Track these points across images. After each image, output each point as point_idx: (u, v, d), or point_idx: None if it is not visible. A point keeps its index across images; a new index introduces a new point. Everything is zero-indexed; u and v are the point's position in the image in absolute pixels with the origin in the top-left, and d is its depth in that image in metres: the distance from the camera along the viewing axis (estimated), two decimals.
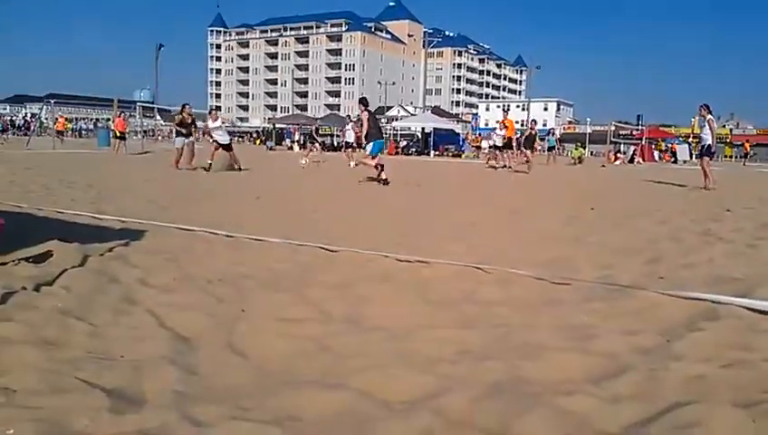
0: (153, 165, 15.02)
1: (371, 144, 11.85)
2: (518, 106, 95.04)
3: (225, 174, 13.30)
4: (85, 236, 4.68)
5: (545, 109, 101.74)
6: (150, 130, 41.25)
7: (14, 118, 67.23)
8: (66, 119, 44.02)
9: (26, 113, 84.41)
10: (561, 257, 4.81)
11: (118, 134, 22.95)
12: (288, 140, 46.48)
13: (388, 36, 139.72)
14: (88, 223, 5.59)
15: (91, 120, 75.13)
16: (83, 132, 58.79)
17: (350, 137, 21.34)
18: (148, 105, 39.13)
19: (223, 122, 14.94)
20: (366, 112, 11.78)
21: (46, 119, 46.57)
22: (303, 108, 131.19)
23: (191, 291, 3.50)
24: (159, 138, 48.50)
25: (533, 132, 20.19)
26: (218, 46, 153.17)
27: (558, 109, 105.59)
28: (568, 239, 5.75)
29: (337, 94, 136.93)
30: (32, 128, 38.49)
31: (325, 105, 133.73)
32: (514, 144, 20.97)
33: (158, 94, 48.96)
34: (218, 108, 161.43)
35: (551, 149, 30.44)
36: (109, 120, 57.25)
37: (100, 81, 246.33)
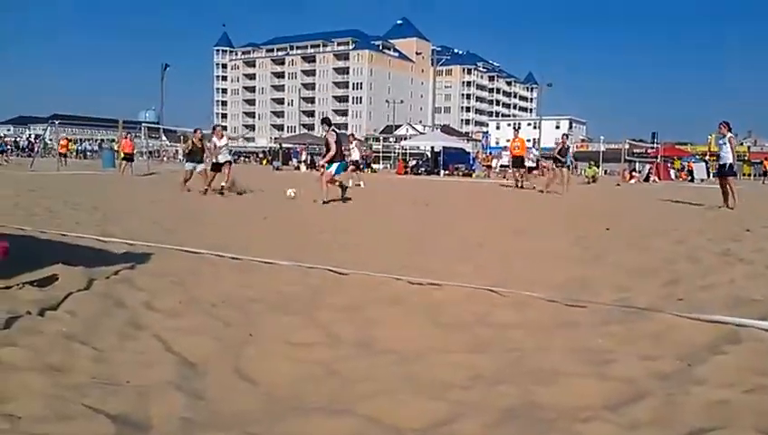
0: (159, 186, 15.14)
1: (335, 165, 12.00)
2: (529, 124, 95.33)
3: (233, 196, 13.39)
4: (90, 259, 4.71)
5: (557, 127, 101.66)
6: (156, 150, 41.62)
7: (17, 139, 68.10)
8: (70, 140, 44.56)
9: (30, 134, 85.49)
10: (576, 279, 4.79)
11: (123, 155, 23.18)
12: (295, 160, 46.85)
13: (396, 54, 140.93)
14: (93, 246, 5.63)
15: (96, 141, 75.99)
16: (87, 153, 59.45)
17: (356, 155, 21.44)
18: (153, 126, 39.53)
19: (229, 140, 15.03)
20: (333, 133, 12.02)
21: (50, 140, 47.11)
22: (310, 127, 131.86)
23: (198, 315, 3.52)
24: (165, 158, 48.96)
25: (566, 146, 18.68)
26: (224, 66, 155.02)
27: (570, 127, 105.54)
28: (582, 260, 5.73)
29: (344, 113, 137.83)
30: (35, 149, 38.91)
31: (334, 124, 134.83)
32: (527, 163, 20.98)
33: (164, 115, 49.55)
34: (224, 127, 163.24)
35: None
36: (113, 140, 57.88)
37: (105, 101, 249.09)
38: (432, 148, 41.93)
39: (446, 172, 37.41)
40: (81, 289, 3.85)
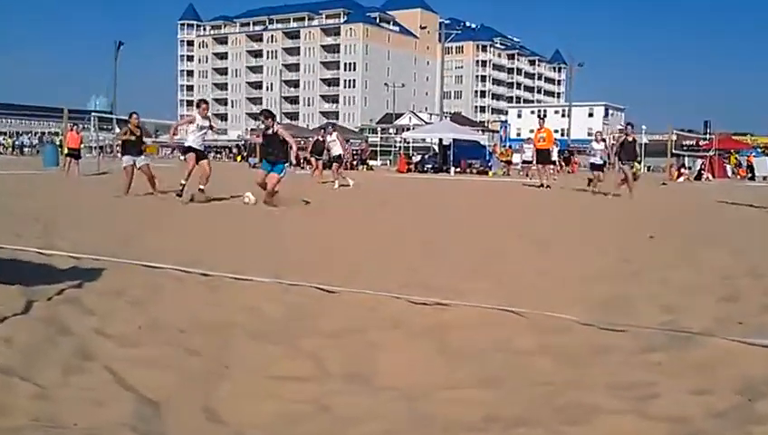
0: (111, 188, 15.15)
1: (284, 166, 12.23)
2: (557, 111, 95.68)
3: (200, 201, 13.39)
4: (29, 276, 4.71)
5: (590, 115, 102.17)
6: (108, 145, 41.68)
7: None
8: (2, 132, 44.69)
9: None
10: (614, 297, 4.81)
11: (68, 151, 23.19)
12: None
13: (397, 29, 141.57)
14: (33, 260, 5.63)
15: (36, 134, 76.13)
16: (26, 149, 59.54)
17: (336, 149, 20.99)
18: (105, 115, 39.57)
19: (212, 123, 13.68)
20: (280, 126, 12.47)
21: None
22: (294, 116, 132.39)
23: (159, 342, 3.52)
24: (119, 155, 49.07)
25: (631, 138, 17.72)
26: (190, 43, 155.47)
27: (606, 114, 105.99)
28: (622, 275, 5.75)
29: (334, 99, 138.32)
30: None
31: (320, 113, 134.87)
32: (555, 157, 20.85)
33: (118, 102, 49.69)
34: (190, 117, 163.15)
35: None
36: (57, 133, 57.96)
37: (47, 86, 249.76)
38: (440, 140, 42.03)
39: (458, 169, 37.50)
40: (19, 313, 3.84)
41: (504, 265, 6.25)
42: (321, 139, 22.33)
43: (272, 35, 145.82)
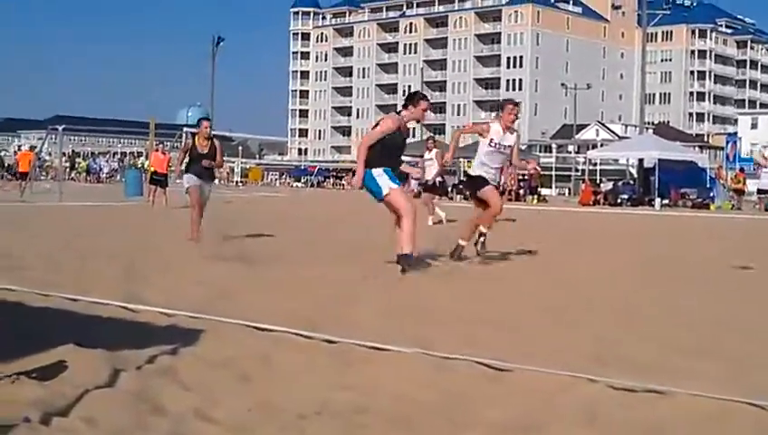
0: (207, 223, 15.82)
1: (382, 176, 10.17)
2: None
3: (313, 233, 13.73)
4: (113, 337, 4.95)
5: None
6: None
7: (3, 153, 73.57)
8: (76, 153, 47.72)
9: (20, 145, 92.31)
10: None
11: (153, 176, 24.45)
12: (414, 183, 47.50)
13: (579, 10, 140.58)
14: (115, 316, 5.90)
15: (115, 155, 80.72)
16: (103, 173, 63.21)
17: (431, 171, 20.53)
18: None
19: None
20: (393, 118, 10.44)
21: (50, 154, 50.68)
22: (439, 129, 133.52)
23: (274, 430, 3.58)
24: (217, 180, 51.14)
25: None
26: (305, 36, 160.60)
27: None
28: None
29: (493, 107, 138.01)
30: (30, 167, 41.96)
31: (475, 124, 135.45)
32: None
33: (215, 114, 52.07)
34: (304, 132, 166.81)
35: None
36: (141, 154, 61.23)
37: (129, 97, 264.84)
38: (640, 161, 41.19)
39: (666, 202, 36.51)
40: (102, 385, 4.00)
41: (741, 341, 5.98)
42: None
43: (410, 24, 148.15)
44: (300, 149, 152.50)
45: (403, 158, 10.23)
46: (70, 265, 9.32)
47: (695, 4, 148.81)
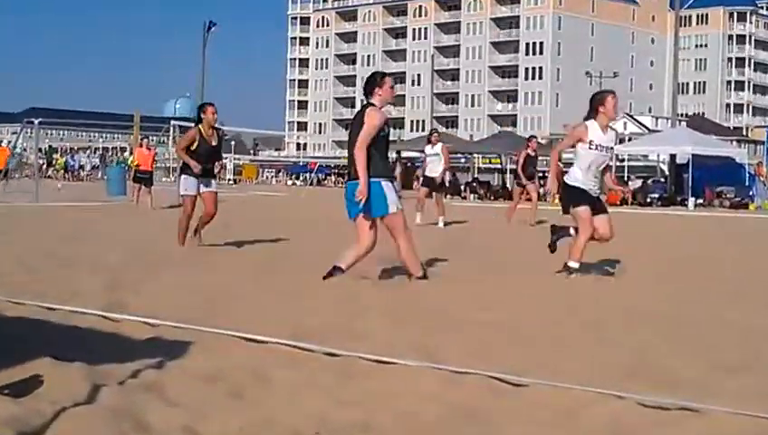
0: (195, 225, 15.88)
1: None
2: None
3: (313, 237, 13.70)
4: (93, 349, 4.92)
5: None
6: None
7: None
8: (53, 148, 47.65)
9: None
10: None
11: (136, 174, 24.42)
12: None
13: None
14: (96, 327, 5.87)
15: (96, 150, 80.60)
16: (84, 170, 63.16)
17: (436, 168, 20.19)
18: (187, 124, 41.56)
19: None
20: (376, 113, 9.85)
21: (24, 150, 50.67)
22: (452, 122, 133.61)
23: None
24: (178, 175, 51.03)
25: None
26: (305, 21, 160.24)
27: None
28: None
29: (510, 97, 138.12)
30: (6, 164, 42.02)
31: (490, 117, 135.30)
32: None
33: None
34: (302, 125, 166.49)
35: None
36: (125, 150, 61.27)
37: (112, 88, 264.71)
38: (672, 157, 41.11)
39: (700, 201, 36.43)
40: (81, 401, 3.95)
41: None
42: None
43: (419, 6, 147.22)
44: (298, 144, 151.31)
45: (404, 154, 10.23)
46: (46, 270, 9.29)
47: None
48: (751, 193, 37.67)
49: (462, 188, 47.37)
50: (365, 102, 9.36)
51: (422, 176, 21.32)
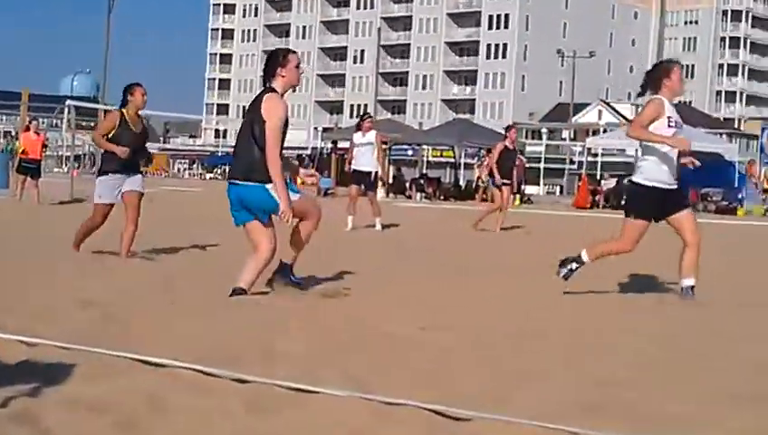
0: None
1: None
2: None
3: (232, 241, 13.65)
4: None
5: None
6: (90, 153, 43.27)
7: None
8: None
9: None
10: None
11: (22, 164, 23.99)
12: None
13: None
14: None
15: None
16: None
17: (367, 162, 20.63)
18: (86, 105, 41.21)
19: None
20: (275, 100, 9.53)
21: None
22: (399, 107, 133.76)
23: None
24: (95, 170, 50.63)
25: None
26: None
27: None
28: None
29: (469, 79, 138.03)
30: None
31: (443, 101, 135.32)
32: None
33: (110, 84, 51.59)
34: (223, 108, 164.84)
35: None
36: (9, 134, 60.57)
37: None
38: None
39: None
40: None
41: None
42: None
43: None
44: (217, 131, 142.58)
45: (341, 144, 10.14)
46: None
47: None
48: (740, 196, 37.95)
49: (407, 185, 47.32)
50: (265, 87, 8.96)
51: (351, 171, 20.81)
